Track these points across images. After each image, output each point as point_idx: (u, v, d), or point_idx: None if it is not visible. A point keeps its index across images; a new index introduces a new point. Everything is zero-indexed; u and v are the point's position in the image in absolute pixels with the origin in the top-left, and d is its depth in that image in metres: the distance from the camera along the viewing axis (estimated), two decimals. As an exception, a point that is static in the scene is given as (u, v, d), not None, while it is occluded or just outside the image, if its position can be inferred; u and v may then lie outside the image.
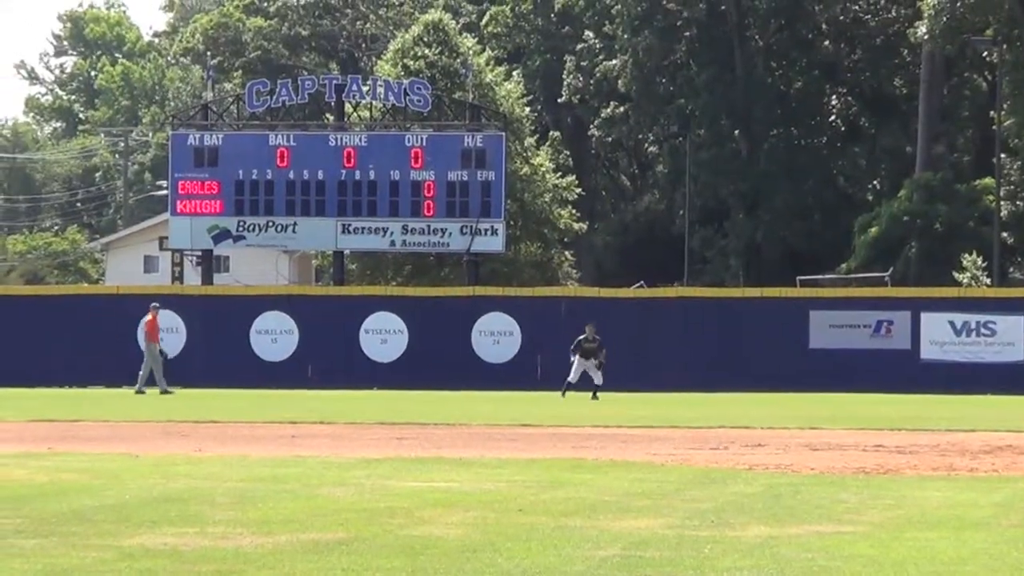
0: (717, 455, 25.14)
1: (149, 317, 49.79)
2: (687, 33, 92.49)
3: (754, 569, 13.08)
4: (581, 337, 47.33)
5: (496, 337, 54.34)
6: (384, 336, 54.79)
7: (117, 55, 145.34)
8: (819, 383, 49.01)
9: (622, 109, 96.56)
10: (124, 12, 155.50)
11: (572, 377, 46.83)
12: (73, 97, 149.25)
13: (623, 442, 28.08)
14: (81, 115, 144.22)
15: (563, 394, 45.59)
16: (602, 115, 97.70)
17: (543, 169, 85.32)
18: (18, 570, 12.84)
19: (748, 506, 17.81)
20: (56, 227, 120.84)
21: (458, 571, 12.90)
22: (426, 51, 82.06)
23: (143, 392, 47.54)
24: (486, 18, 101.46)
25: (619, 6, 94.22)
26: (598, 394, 45.48)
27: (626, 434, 30.49)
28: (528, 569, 13.06)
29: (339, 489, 19.45)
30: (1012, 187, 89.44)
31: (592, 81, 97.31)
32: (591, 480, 20.76)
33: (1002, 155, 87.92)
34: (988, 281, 76.44)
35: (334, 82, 67.69)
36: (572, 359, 47.41)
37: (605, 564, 13.32)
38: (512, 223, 71.65)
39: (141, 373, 48.77)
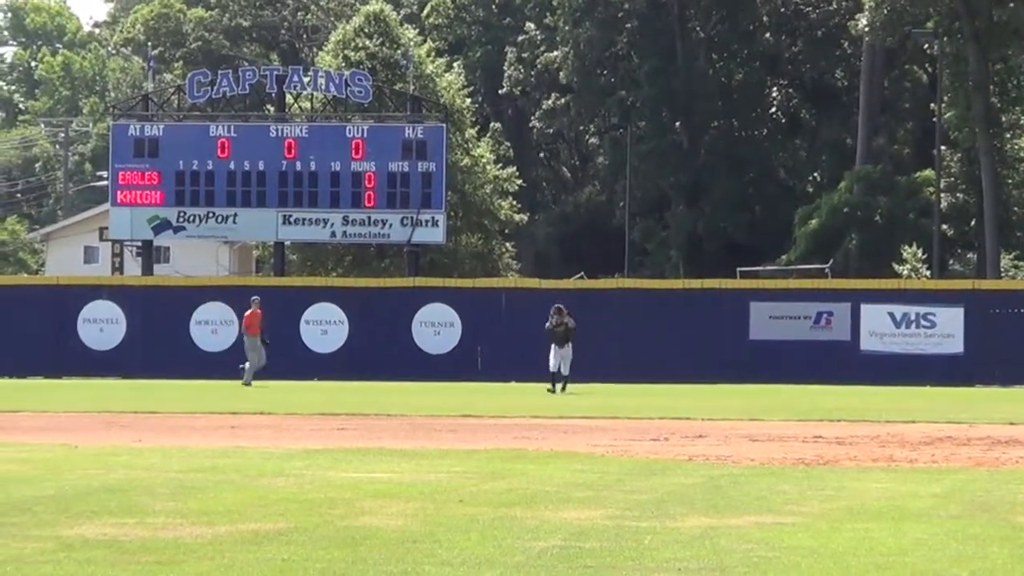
0: (657, 446, 25.18)
1: (250, 311, 49.47)
2: (628, 25, 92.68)
3: (693, 560, 13.11)
4: (547, 325, 46.61)
5: (437, 328, 54.37)
6: (324, 327, 54.80)
7: (58, 45, 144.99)
8: (759, 374, 49.18)
9: (563, 101, 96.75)
10: (64, 2, 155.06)
11: (552, 367, 46.05)
12: (13, 87, 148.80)
13: (564, 433, 28.12)
14: (21, 105, 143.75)
15: (551, 388, 44.60)
16: (543, 107, 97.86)
17: (484, 160, 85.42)
18: None
19: (688, 497, 17.85)
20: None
21: (398, 562, 12.88)
22: (367, 42, 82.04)
23: (247, 383, 47.55)
24: (427, 9, 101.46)
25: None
26: (557, 386, 44.78)
27: (567, 425, 30.52)
28: (468, 560, 13.06)
29: (279, 480, 19.45)
30: (952, 179, 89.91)
31: (533, 73, 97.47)
32: (532, 471, 20.78)
33: (942, 147, 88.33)
34: (928, 273, 76.82)
35: (275, 73, 67.50)
36: (552, 350, 46.97)
37: (545, 555, 13.33)
38: (453, 214, 71.70)
39: (247, 367, 48.59)
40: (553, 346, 46.24)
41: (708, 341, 52.32)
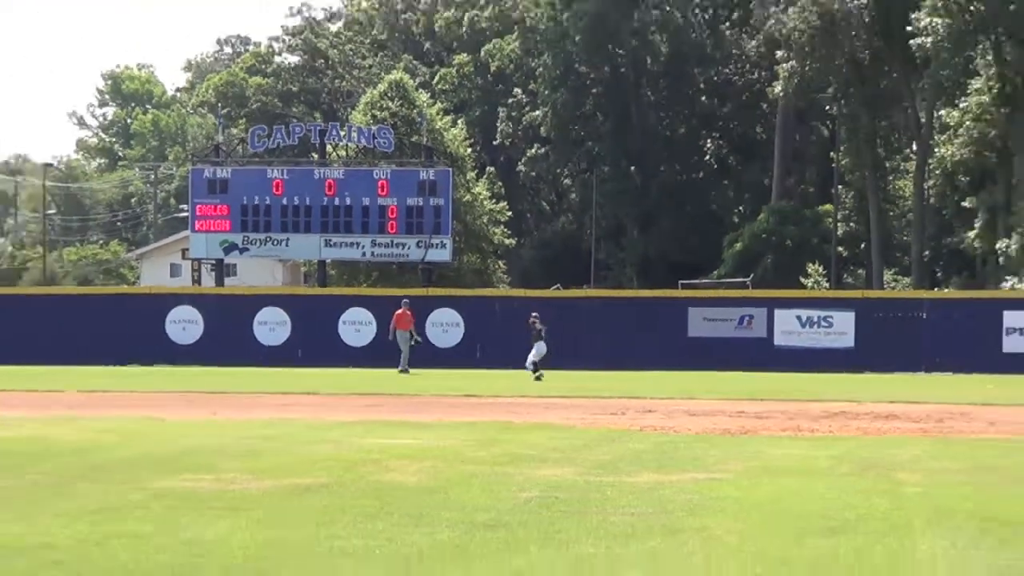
0: (616, 419, 25.18)
1: (400, 311, 49.10)
2: (594, 91, 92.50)
3: (644, 506, 13.17)
4: (533, 319, 46.33)
5: (445, 327, 54.04)
6: (357, 326, 54.52)
7: (148, 106, 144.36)
8: (696, 364, 49.03)
9: (543, 150, 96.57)
10: (152, 72, 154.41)
11: (533, 357, 45.84)
12: (113, 139, 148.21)
13: (544, 409, 28.08)
14: (120, 153, 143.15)
15: (535, 376, 44.35)
16: (527, 154, 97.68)
17: (481, 197, 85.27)
18: (81, 507, 12.89)
19: (640, 459, 17.88)
20: (101, 241, 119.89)
21: (416, 508, 12.97)
22: (390, 104, 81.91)
23: (407, 372, 46.89)
24: (437, 77, 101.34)
25: (541, 68, 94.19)
26: (533, 373, 44.53)
27: (546, 403, 30.46)
28: (469, 506, 13.12)
29: (322, 445, 19.48)
30: (846, 212, 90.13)
31: (520, 128, 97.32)
32: (518, 438, 20.80)
33: (839, 187, 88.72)
34: (827, 285, 76.88)
35: (318, 128, 67.35)
36: (534, 346, 46.78)
37: (529, 503, 13.43)
38: (457, 239, 71.58)
39: (402, 357, 47.95)
40: (535, 344, 46.33)
41: (656, 338, 52.17)
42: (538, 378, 43.07)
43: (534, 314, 46.79)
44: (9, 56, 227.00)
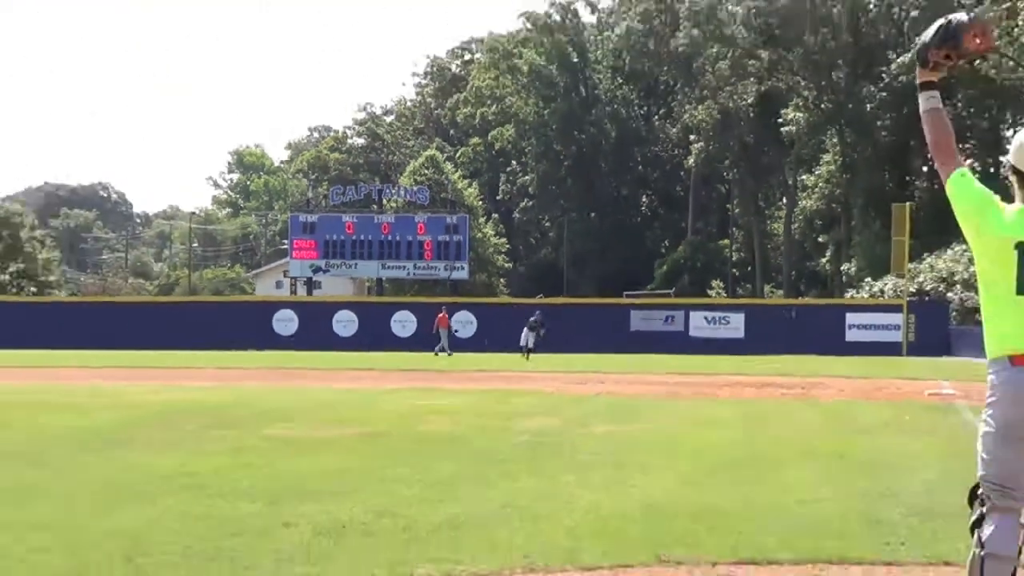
0: (581, 387, 25.18)
1: (441, 314, 48.98)
2: (566, 163, 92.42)
3: (603, 448, 13.11)
4: (531, 319, 47.22)
5: (463, 324, 54.06)
6: (404, 323, 54.49)
7: (261, 172, 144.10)
8: (636, 350, 49.03)
9: (531, 203, 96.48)
10: (263, 149, 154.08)
11: (522, 343, 46.40)
12: (237, 196, 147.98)
13: (533, 380, 28.08)
14: (242, 205, 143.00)
15: (525, 357, 44.48)
16: (520, 206, 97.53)
17: (488, 235, 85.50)
18: (218, 449, 12.82)
19: (600, 415, 17.85)
20: (228, 264, 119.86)
21: (445, 449, 12.90)
22: (426, 171, 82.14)
23: (449, 354, 46.14)
24: (458, 154, 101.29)
25: (529, 148, 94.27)
26: (529, 355, 44.76)
27: (532, 375, 30.46)
28: (481, 447, 13.07)
29: (380, 404, 19.39)
30: (738, 245, 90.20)
31: (515, 187, 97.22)
32: (514, 400, 20.78)
33: (733, 228, 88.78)
34: (725, 295, 76.95)
35: (377, 188, 67.68)
36: (523, 332, 47.14)
37: (522, 444, 13.33)
38: (471, 264, 71.57)
39: (443, 344, 47.51)
40: (525, 330, 46.56)
41: (608, 331, 52.11)
42: (526, 358, 43.16)
43: (537, 312, 47.17)
44: (164, 136, 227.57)
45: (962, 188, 4.88)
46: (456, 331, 50.97)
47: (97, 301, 66.70)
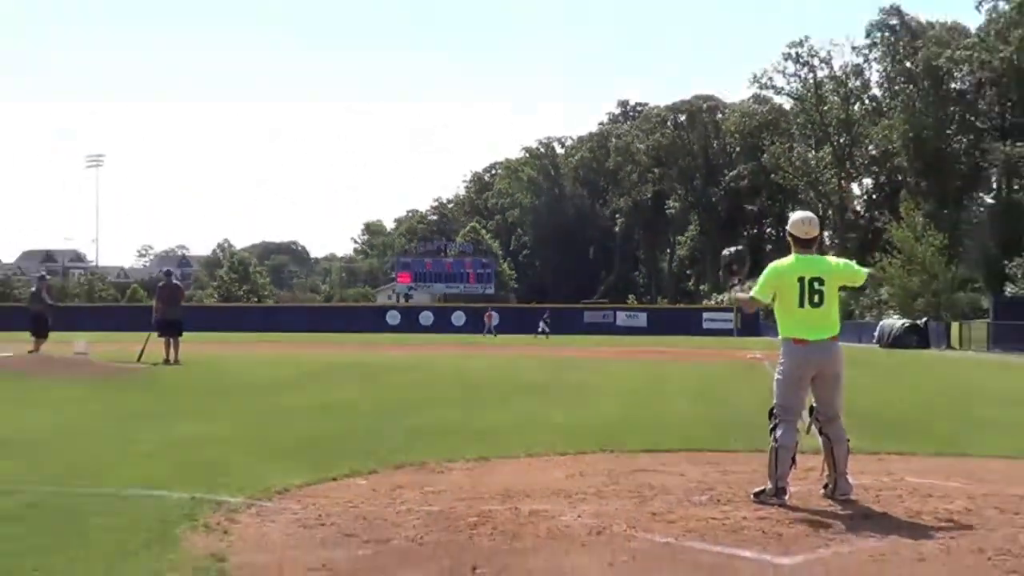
0: (558, 355, 24.75)
1: (488, 312, 45.73)
2: (547, 229, 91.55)
3: (571, 387, 12.70)
4: (544, 316, 45.09)
5: (495, 319, 53.19)
6: (458, 318, 54.06)
7: (381, 236, 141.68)
8: (590, 333, 48.47)
9: (528, 251, 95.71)
10: (382, 222, 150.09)
11: (539, 330, 43.12)
12: (366, 246, 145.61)
13: (532, 354, 27.72)
14: (368, 251, 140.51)
15: (546, 336, 40.99)
16: (522, 254, 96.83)
17: (505, 269, 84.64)
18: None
19: (569, 368, 17.42)
20: (361, 285, 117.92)
21: (474, 390, 12.48)
22: (470, 234, 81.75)
23: (495, 335, 42.08)
24: (489, 223, 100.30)
25: (527, 220, 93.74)
26: (548, 336, 42.09)
27: (532, 348, 30.04)
28: (497, 388, 12.58)
29: (438, 363, 18.76)
30: (642, 274, 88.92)
31: (519, 242, 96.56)
32: (520, 363, 20.37)
33: (641, 266, 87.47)
34: (637, 302, 75.95)
35: (443, 243, 67.64)
36: (539, 324, 44.10)
37: (519, 388, 12.94)
38: (496, 284, 71.08)
39: (489, 328, 43.84)
40: (540, 322, 44.37)
41: (574, 324, 51.49)
42: (541, 335, 41.42)
43: (546, 314, 46.56)
44: (327, 211, 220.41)
45: (764, 289, 5.05)
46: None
47: (289, 306, 66.72)
